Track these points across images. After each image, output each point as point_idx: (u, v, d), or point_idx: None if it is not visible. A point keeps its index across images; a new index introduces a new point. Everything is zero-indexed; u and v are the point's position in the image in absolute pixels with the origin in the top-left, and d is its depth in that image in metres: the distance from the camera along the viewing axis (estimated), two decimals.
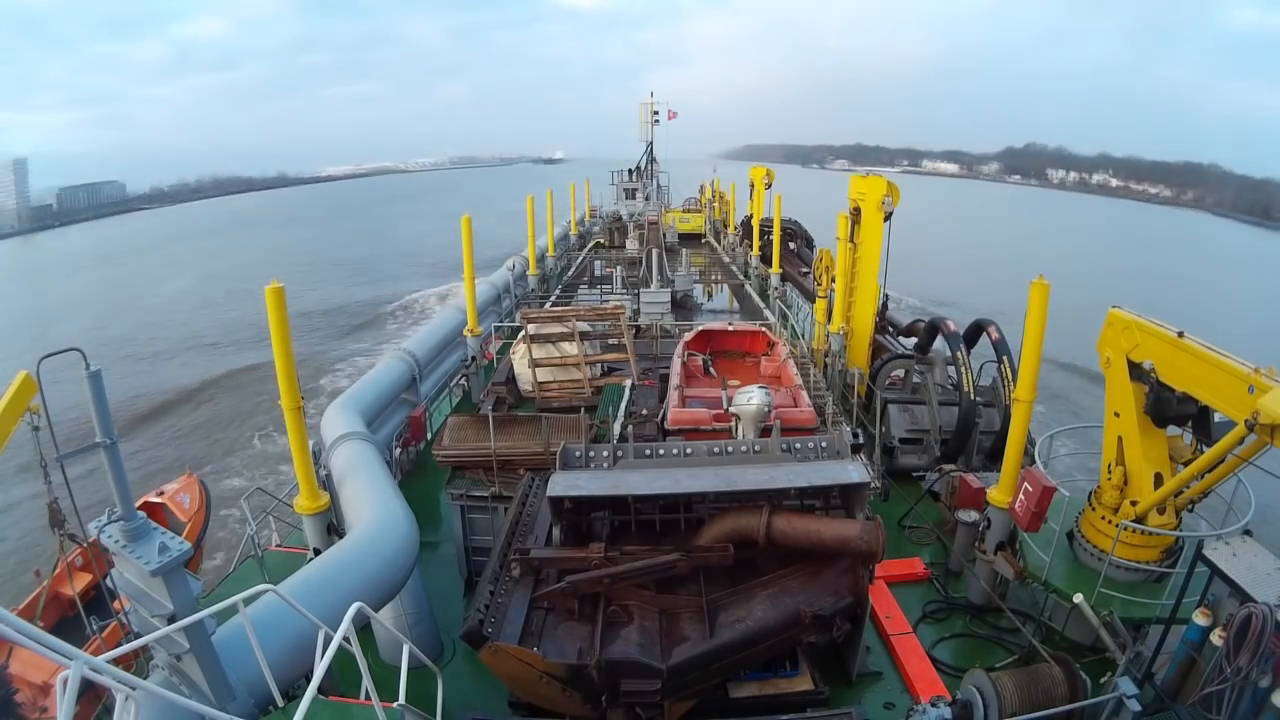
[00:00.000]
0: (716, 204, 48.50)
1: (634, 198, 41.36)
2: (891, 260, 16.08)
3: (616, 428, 11.44)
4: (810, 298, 23.26)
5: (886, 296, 18.22)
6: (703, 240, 42.67)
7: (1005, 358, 12.42)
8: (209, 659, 4.81)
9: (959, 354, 12.70)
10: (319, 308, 48.32)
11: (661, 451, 8.41)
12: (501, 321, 22.61)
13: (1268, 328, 40.08)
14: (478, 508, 9.76)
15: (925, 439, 13.02)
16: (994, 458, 12.17)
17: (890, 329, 18.42)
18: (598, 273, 32.86)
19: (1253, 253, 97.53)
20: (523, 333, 15.14)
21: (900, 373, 14.97)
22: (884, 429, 13.18)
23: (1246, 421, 6.12)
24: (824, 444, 8.41)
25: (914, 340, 16.24)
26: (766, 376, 13.98)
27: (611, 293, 24.71)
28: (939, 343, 14.40)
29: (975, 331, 13.25)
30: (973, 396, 12.32)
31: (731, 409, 10.16)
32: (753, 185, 35.67)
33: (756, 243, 32.78)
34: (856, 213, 16.06)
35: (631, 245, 32.51)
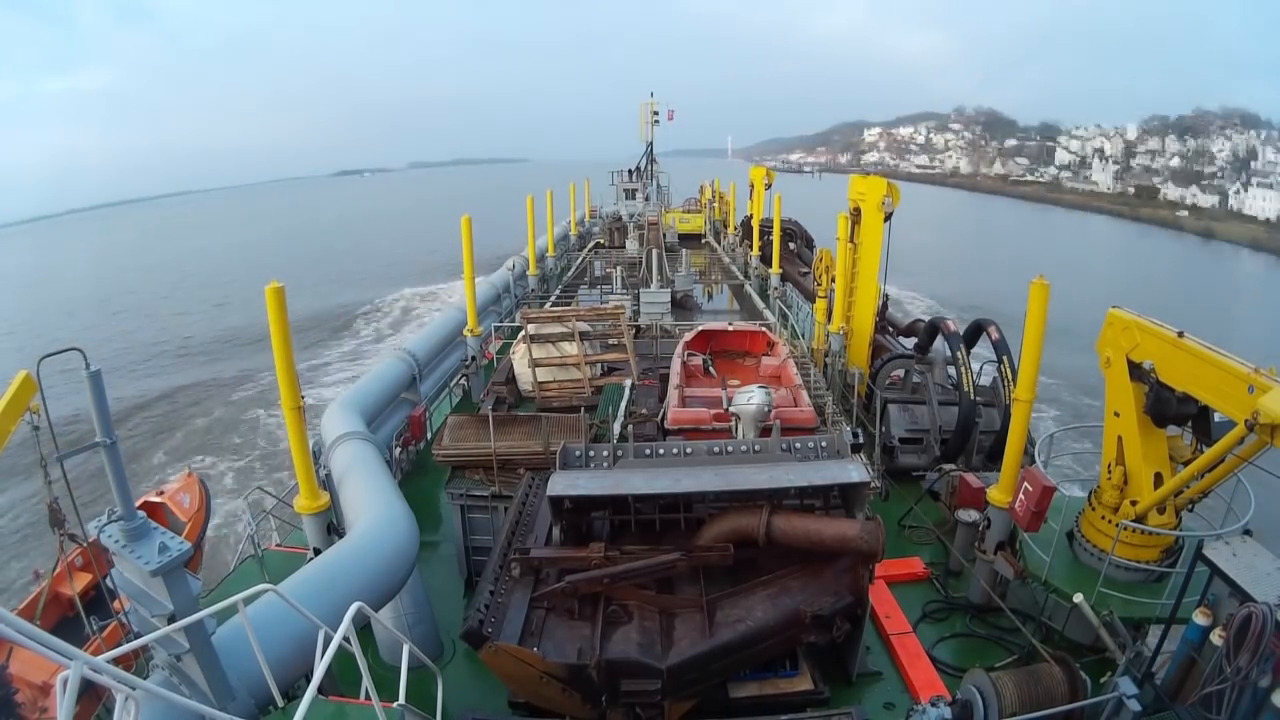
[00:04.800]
0: (716, 204, 48.50)
1: (634, 198, 41.33)
2: None
3: (616, 428, 11.43)
4: (810, 298, 23.26)
5: (886, 296, 18.21)
6: (703, 240, 42.66)
7: (1005, 358, 12.43)
8: (209, 659, 4.81)
9: (959, 354, 12.70)
10: None
11: (661, 451, 8.41)
12: (501, 321, 22.61)
13: None
14: (478, 508, 9.77)
15: (925, 439, 13.01)
16: (994, 458, 12.17)
17: (890, 329, 18.41)
18: (598, 273, 32.85)
19: None
20: (523, 333, 15.14)
21: (900, 373, 14.97)
22: (884, 429, 13.18)
23: (1246, 421, 6.13)
24: (824, 444, 8.41)
25: (914, 340, 16.24)
26: (766, 376, 13.98)
27: (611, 293, 24.69)
28: (939, 343, 14.41)
29: (975, 331, 13.26)
30: (973, 396, 12.32)
31: (731, 409, 10.15)
32: (752, 185, 35.68)
33: (756, 243, 32.77)
34: (856, 213, 16.07)
35: (631, 245, 32.49)
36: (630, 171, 43.84)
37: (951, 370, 13.28)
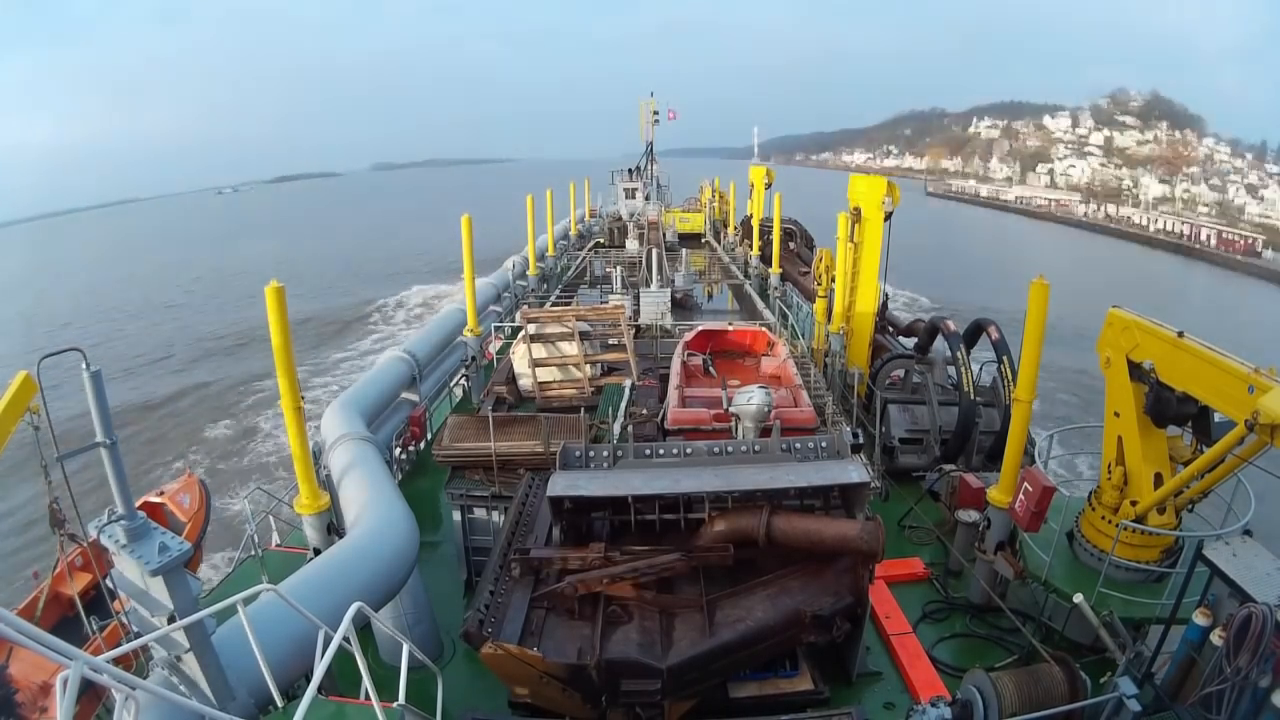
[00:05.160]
0: (716, 204, 48.51)
1: (634, 197, 41.34)
2: None
3: (616, 428, 11.44)
4: (810, 297, 23.27)
5: (886, 296, 18.19)
6: (703, 240, 42.67)
7: (1005, 357, 12.42)
8: (209, 659, 4.81)
9: (958, 354, 12.70)
10: None
11: (661, 451, 8.41)
12: (501, 321, 22.60)
13: None
14: (478, 508, 9.77)
15: (925, 439, 13.01)
16: (994, 458, 12.17)
17: (890, 329, 18.41)
18: (598, 272, 32.88)
19: None
20: (523, 333, 15.14)
21: (900, 373, 14.97)
22: (884, 429, 13.17)
23: (1246, 421, 6.13)
24: (824, 444, 8.41)
25: (914, 340, 16.24)
26: (766, 376, 13.98)
27: (611, 293, 24.69)
28: (939, 343, 14.42)
29: (975, 331, 13.25)
30: (972, 396, 12.31)
31: (731, 409, 10.16)
32: (753, 185, 35.68)
33: (756, 243, 32.78)
34: (857, 212, 16.08)
35: (631, 245, 32.51)
36: (630, 171, 43.89)
37: (951, 370, 13.28)
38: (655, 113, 45.06)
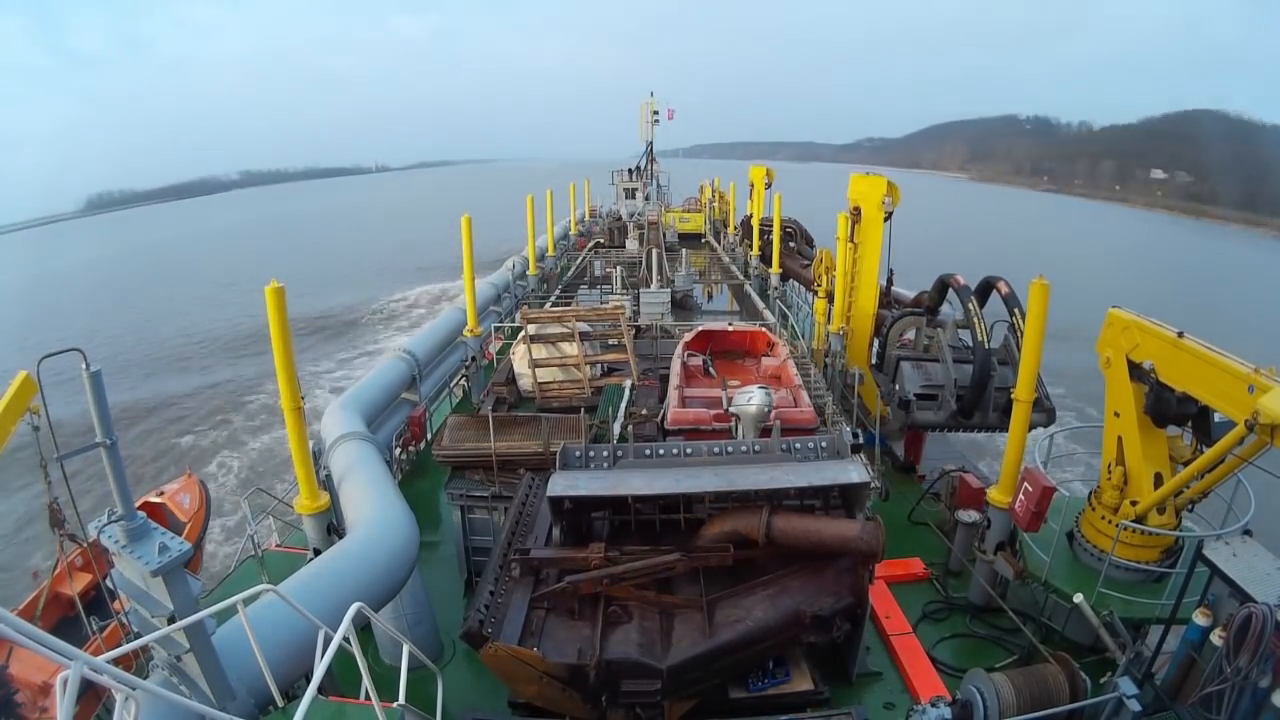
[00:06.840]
0: (716, 204, 48.52)
1: (634, 197, 41.35)
2: None
3: (616, 428, 11.44)
4: (808, 284, 23.01)
5: (891, 272, 17.72)
6: (703, 240, 42.66)
7: (1017, 309, 12.11)
8: (209, 659, 4.81)
9: (970, 305, 12.41)
10: None
11: (661, 451, 8.41)
12: (501, 321, 22.61)
13: None
14: (478, 508, 9.78)
15: (940, 394, 12.75)
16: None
17: (896, 305, 18.17)
18: (598, 273, 32.89)
19: None
20: (523, 333, 15.14)
21: (911, 334, 14.76)
22: (897, 386, 13.02)
23: (1246, 421, 6.13)
24: (824, 444, 8.41)
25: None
26: (766, 377, 13.97)
27: (611, 293, 24.69)
28: (946, 309, 14.18)
29: (985, 289, 12.95)
30: (987, 345, 12.09)
31: (731, 409, 10.15)
32: (752, 185, 35.67)
33: (756, 242, 32.77)
34: (857, 212, 16.05)
35: (631, 245, 32.53)
36: (630, 171, 43.92)
37: (963, 334, 13.06)
38: (655, 113, 45.08)
